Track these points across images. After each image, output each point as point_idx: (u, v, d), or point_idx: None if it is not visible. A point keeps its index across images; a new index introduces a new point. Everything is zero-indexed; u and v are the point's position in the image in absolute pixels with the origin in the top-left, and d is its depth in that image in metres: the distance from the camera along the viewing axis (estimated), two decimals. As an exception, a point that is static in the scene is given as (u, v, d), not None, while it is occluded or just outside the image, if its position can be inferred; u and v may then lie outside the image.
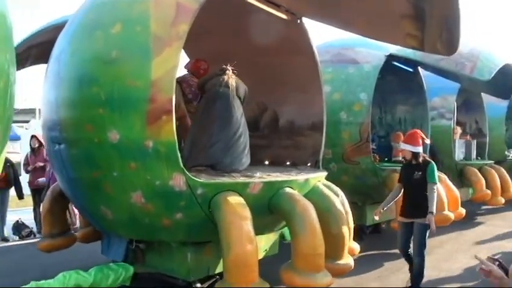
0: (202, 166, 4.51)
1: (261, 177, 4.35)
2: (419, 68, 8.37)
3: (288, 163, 5.98)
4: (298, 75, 5.87)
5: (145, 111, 3.81)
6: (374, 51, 7.36)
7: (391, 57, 7.51)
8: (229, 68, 4.92)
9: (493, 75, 6.94)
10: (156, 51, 3.86)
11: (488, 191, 9.65)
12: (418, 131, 5.56)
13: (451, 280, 6.18)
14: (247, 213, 3.86)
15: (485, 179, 9.81)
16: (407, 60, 7.79)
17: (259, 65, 6.17)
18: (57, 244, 5.65)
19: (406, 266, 5.61)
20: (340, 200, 5.01)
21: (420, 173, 5.29)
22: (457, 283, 6.04)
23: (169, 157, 3.82)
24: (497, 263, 2.35)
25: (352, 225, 5.15)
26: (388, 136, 9.29)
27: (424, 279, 5.48)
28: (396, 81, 8.79)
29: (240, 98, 4.92)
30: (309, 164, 5.72)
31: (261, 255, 5.28)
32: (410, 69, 8.38)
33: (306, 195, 4.57)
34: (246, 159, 4.78)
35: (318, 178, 5.01)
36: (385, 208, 5.56)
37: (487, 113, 11.38)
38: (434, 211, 5.14)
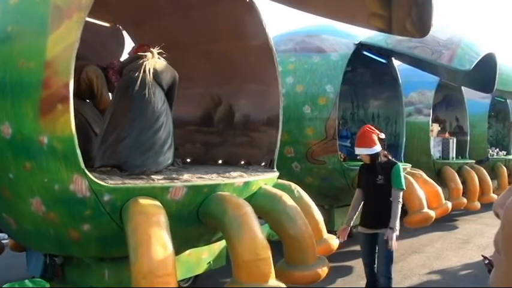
0: (107, 166, 3.72)
1: (185, 180, 3.57)
2: (393, 59, 7.70)
3: (242, 162, 5.27)
4: (252, 64, 5.14)
5: (38, 99, 3.08)
6: (342, 39, 6.66)
7: (361, 46, 6.81)
8: (153, 51, 4.17)
9: (474, 65, 6.25)
10: (53, 25, 3.12)
11: (464, 200, 9.03)
12: (369, 127, 4.75)
13: (442, 279, 5.99)
14: (159, 212, 3.12)
15: (463, 179, 9.24)
16: (379, 50, 7.11)
17: (212, 53, 5.49)
18: (-19, 254, 4.92)
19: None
20: (296, 195, 4.36)
21: (384, 177, 4.52)
22: (448, 282, 5.82)
23: (67, 156, 3.08)
24: (487, 261, 2.36)
25: (319, 218, 4.46)
26: (361, 133, 8.61)
27: (415, 278, 5.11)
28: (368, 74, 8.14)
29: (161, 86, 4.15)
30: (263, 164, 5.02)
31: (204, 268, 4.63)
32: (384, 61, 7.66)
33: (247, 200, 3.84)
34: (165, 158, 3.99)
35: (265, 180, 4.28)
36: (350, 224, 4.85)
37: (469, 110, 10.81)
38: (397, 227, 4.37)
